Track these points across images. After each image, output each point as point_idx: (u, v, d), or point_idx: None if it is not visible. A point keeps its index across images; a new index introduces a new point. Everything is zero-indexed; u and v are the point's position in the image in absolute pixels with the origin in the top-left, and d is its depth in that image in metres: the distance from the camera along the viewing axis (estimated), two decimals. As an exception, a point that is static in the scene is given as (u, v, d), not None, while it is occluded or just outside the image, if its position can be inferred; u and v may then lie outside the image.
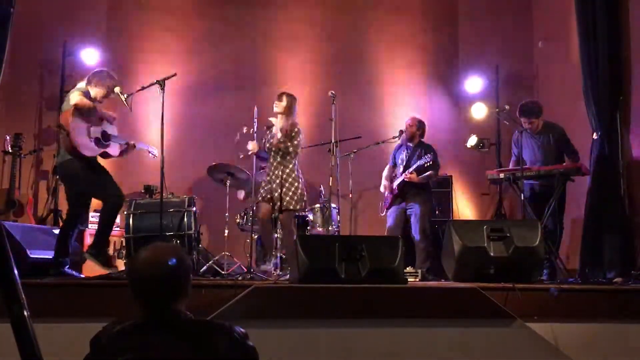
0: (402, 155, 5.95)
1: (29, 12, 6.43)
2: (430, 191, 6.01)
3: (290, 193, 5.15)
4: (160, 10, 7.36)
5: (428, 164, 5.64)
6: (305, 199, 5.28)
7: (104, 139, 4.69)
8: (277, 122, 5.35)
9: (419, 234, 5.70)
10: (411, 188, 5.79)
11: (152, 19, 7.34)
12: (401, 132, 6.01)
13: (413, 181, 5.72)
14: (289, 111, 5.29)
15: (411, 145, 5.95)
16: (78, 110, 4.45)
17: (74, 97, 4.48)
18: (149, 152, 5.29)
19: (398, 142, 6.10)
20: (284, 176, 5.19)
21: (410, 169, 5.73)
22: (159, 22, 7.34)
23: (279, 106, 5.31)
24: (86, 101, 4.50)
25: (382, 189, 6.05)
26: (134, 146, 4.97)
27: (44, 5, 6.85)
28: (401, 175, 5.80)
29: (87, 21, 7.16)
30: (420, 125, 5.98)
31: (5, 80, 5.51)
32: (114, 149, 4.80)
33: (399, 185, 5.81)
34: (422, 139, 6.00)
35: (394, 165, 6.05)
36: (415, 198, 5.79)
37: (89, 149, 4.55)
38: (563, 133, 5.54)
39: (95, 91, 4.65)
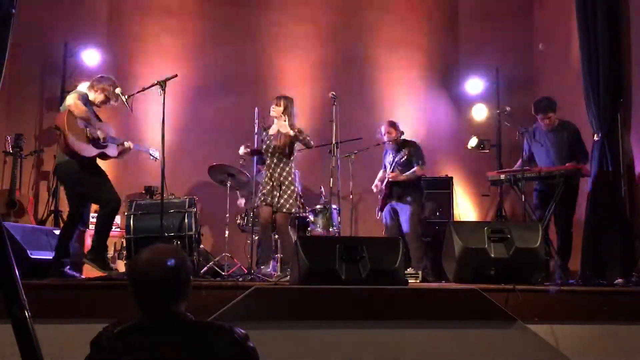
0: (389, 158, 6.00)
1: (30, 13, 6.44)
2: (420, 190, 6.00)
3: (286, 196, 5.13)
4: (161, 12, 7.37)
5: (403, 158, 5.69)
6: (300, 201, 5.23)
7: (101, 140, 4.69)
8: (275, 126, 5.30)
9: (409, 233, 5.72)
10: (398, 188, 5.85)
11: (153, 20, 7.34)
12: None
13: (398, 180, 5.75)
14: (286, 114, 5.24)
15: (395, 146, 5.98)
16: (71, 112, 4.47)
17: (70, 100, 4.50)
18: (150, 155, 5.28)
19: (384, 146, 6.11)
20: (281, 178, 5.17)
21: (392, 168, 5.80)
22: (159, 23, 7.35)
23: (275, 110, 5.27)
24: (81, 106, 4.49)
25: (373, 188, 6.10)
26: (130, 148, 4.94)
27: (45, 7, 6.86)
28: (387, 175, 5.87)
29: (88, 22, 7.16)
30: (392, 125, 5.97)
31: (7, 81, 5.51)
32: (112, 150, 4.78)
33: (386, 185, 5.86)
34: (404, 138, 6.01)
35: (385, 169, 6.10)
36: (402, 197, 5.85)
37: (85, 149, 4.54)
38: (577, 132, 5.55)
39: (95, 95, 4.67)
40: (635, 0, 5.66)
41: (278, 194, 5.12)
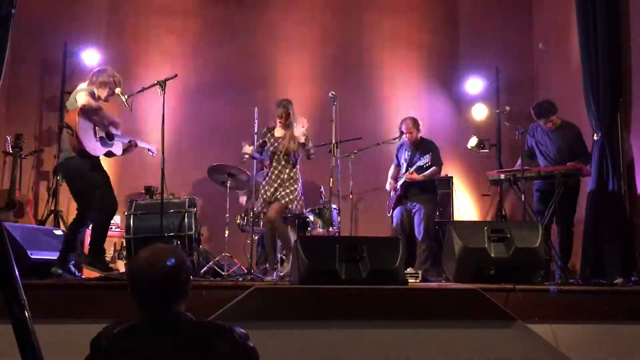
0: (405, 155, 5.91)
1: (30, 13, 6.44)
2: (436, 191, 5.92)
3: (288, 190, 5.13)
4: (161, 12, 7.37)
5: (427, 164, 5.61)
6: (300, 201, 5.22)
7: (108, 139, 4.70)
8: (278, 131, 5.30)
9: (421, 234, 5.66)
10: (415, 188, 5.74)
11: (153, 20, 7.35)
12: (401, 133, 5.96)
13: (416, 180, 5.69)
14: (288, 118, 5.25)
15: (413, 145, 5.93)
16: (84, 110, 4.46)
17: (81, 98, 4.46)
18: (149, 150, 5.28)
19: (399, 142, 6.07)
20: (286, 177, 5.18)
21: (411, 169, 5.72)
22: (159, 23, 7.35)
23: (279, 116, 5.27)
24: (93, 102, 4.50)
25: (387, 187, 6.02)
26: (136, 144, 4.96)
27: (44, 6, 6.86)
28: (404, 175, 5.79)
29: (88, 22, 7.16)
30: (415, 124, 5.88)
31: (6, 81, 5.51)
32: (117, 148, 4.81)
33: (402, 185, 5.78)
34: (422, 136, 5.96)
35: (398, 165, 6.03)
36: (419, 198, 5.74)
37: (94, 148, 4.56)
38: (578, 133, 5.55)
39: (98, 91, 4.65)
40: (635, 0, 5.66)
41: (281, 188, 5.14)
